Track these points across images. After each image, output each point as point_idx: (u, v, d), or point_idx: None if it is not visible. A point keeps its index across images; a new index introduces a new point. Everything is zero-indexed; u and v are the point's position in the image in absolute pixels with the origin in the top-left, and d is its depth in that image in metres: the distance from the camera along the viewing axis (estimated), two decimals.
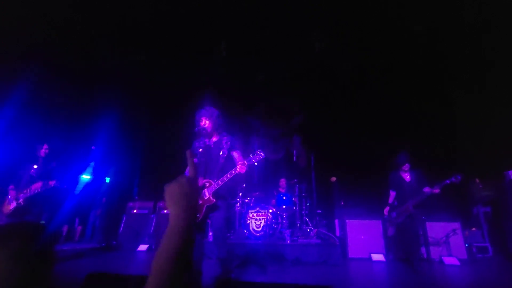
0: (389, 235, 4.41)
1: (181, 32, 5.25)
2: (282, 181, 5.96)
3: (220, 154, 2.73)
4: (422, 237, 3.80)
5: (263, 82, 6.31)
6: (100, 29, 5.00)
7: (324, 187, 6.43)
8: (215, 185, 2.57)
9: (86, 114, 6.26)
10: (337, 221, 5.55)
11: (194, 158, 2.64)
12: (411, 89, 5.99)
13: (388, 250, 4.52)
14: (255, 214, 4.99)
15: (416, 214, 3.80)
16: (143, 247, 5.05)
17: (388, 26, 4.97)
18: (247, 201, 5.38)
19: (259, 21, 5.06)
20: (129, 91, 6.36)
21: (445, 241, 4.42)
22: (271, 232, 4.79)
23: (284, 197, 5.61)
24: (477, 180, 5.28)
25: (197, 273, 2.50)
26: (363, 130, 6.50)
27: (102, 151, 6.13)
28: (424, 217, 4.04)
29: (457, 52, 5.24)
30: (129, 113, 6.67)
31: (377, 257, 4.38)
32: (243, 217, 5.02)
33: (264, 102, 6.80)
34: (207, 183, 2.61)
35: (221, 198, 2.64)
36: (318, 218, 5.50)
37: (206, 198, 2.57)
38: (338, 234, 5.26)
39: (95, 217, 6.01)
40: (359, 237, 4.65)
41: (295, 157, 6.48)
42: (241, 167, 2.50)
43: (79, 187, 5.67)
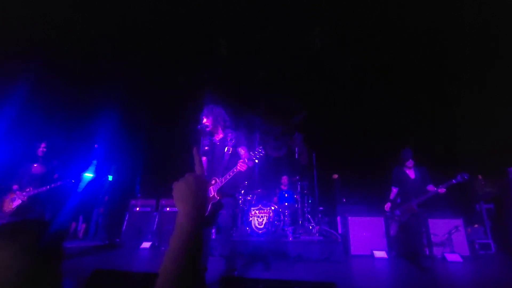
0: (392, 235, 4.39)
1: (181, 31, 5.23)
2: (284, 179, 5.97)
3: (225, 151, 2.72)
4: (425, 234, 3.78)
5: (265, 80, 6.29)
6: (100, 29, 5.00)
7: (326, 184, 6.43)
8: (219, 183, 2.57)
9: (88, 112, 6.27)
10: (339, 218, 5.55)
11: (201, 156, 2.65)
12: (413, 87, 5.98)
13: (390, 247, 4.52)
14: (257, 211, 5.00)
15: (421, 213, 3.76)
16: (146, 245, 5.08)
17: (388, 25, 4.96)
18: (249, 198, 5.39)
19: (260, 19, 5.04)
20: (131, 89, 6.36)
21: (447, 238, 4.42)
22: (273, 229, 4.80)
23: (286, 195, 5.64)
24: (480, 177, 5.27)
25: (202, 269, 2.51)
26: (365, 127, 6.49)
27: (104, 149, 6.14)
28: (426, 214, 4.02)
29: (458, 51, 5.22)
30: (130, 111, 6.68)
31: (380, 254, 4.39)
32: (245, 214, 5.04)
33: (266, 100, 6.79)
34: (213, 181, 2.62)
35: (226, 195, 2.64)
36: (320, 215, 5.52)
37: (211, 195, 2.58)
38: (340, 231, 5.27)
39: (98, 215, 6.04)
40: (361, 234, 4.66)
41: (297, 154, 6.49)
42: (241, 165, 2.50)
43: (82, 185, 5.69)
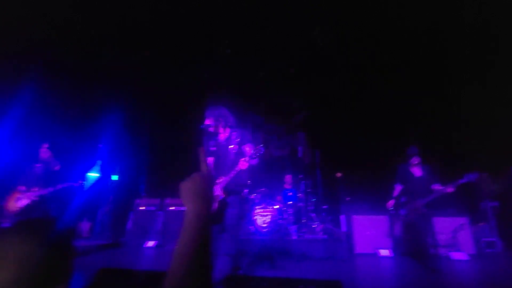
0: (396, 234, 4.35)
1: (181, 31, 5.24)
2: (287, 177, 5.96)
3: (230, 150, 2.74)
4: (430, 233, 3.73)
5: (267, 79, 6.28)
6: (100, 29, 5.02)
7: (329, 183, 6.42)
8: (224, 181, 2.59)
9: (92, 112, 6.31)
10: (343, 217, 5.54)
11: (207, 155, 2.66)
12: (416, 85, 5.93)
13: (395, 245, 4.50)
14: (261, 210, 5.01)
15: (428, 213, 3.69)
16: (150, 244, 5.11)
17: (388, 25, 4.93)
18: (253, 197, 5.40)
19: (261, 18, 5.03)
20: (135, 89, 6.39)
21: (453, 236, 4.39)
22: (277, 228, 4.81)
23: (290, 193, 5.64)
24: (486, 174, 5.22)
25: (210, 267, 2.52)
26: (369, 126, 6.46)
27: (109, 149, 6.19)
28: (431, 213, 3.97)
29: (460, 50, 5.18)
30: (135, 111, 6.71)
31: (384, 252, 4.38)
32: (249, 213, 5.05)
33: (268, 99, 6.79)
34: (218, 180, 2.63)
35: (232, 193, 2.64)
36: (324, 213, 5.50)
37: (216, 194, 2.59)
38: (344, 229, 5.25)
39: (103, 214, 6.09)
40: (365, 233, 4.64)
41: (300, 153, 6.48)
42: (243, 164, 2.51)
43: (87, 184, 5.74)
